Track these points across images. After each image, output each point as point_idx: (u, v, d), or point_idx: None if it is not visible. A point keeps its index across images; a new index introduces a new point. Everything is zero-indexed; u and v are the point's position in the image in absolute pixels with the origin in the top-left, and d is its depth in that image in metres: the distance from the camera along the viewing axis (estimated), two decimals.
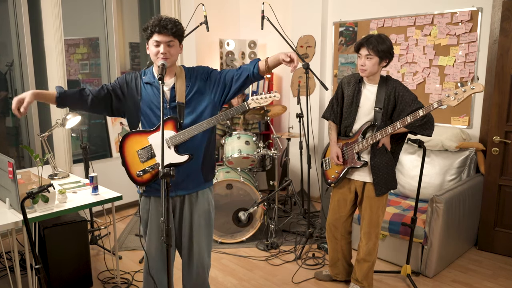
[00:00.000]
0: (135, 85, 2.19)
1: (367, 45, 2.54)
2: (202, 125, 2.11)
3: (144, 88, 2.18)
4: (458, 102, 2.29)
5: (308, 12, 4.73)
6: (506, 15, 3.33)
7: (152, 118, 2.16)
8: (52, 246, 2.87)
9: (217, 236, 3.72)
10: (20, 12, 3.90)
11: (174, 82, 2.16)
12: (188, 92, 2.17)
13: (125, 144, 2.20)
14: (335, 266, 3.03)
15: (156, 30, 2.03)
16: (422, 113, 2.39)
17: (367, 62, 2.56)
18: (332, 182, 2.85)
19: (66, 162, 4.07)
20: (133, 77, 2.22)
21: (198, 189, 2.26)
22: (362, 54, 2.58)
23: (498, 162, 3.47)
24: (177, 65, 2.22)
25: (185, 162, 2.13)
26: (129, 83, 2.20)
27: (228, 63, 5.07)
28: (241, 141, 3.89)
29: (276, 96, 2.13)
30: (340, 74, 4.67)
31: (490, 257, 3.50)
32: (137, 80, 2.20)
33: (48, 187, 2.08)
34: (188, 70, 2.23)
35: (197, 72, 2.23)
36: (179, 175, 2.17)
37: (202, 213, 2.27)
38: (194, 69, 2.25)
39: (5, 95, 4.03)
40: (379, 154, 2.64)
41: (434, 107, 2.34)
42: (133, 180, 2.22)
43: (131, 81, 2.21)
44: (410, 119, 2.42)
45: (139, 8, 4.99)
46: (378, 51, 2.52)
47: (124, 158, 2.21)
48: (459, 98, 2.29)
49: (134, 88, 2.19)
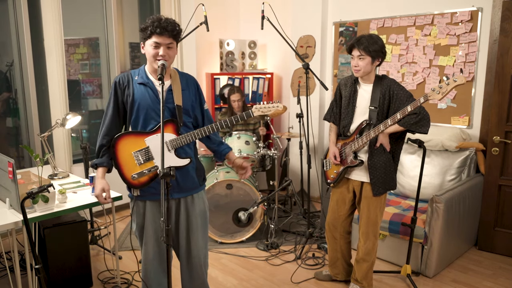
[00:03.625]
0: (128, 86, 2.14)
1: (358, 46, 2.57)
2: (205, 130, 2.11)
3: (136, 88, 2.12)
4: (443, 95, 2.35)
5: (308, 12, 4.73)
6: (506, 15, 3.33)
7: (146, 120, 2.12)
8: (52, 246, 2.87)
9: (217, 236, 3.72)
10: (20, 12, 3.90)
11: (170, 84, 2.14)
12: (185, 96, 2.17)
13: (118, 145, 2.13)
14: (335, 266, 3.04)
15: (157, 32, 1.98)
16: (410, 108, 2.42)
17: (360, 62, 2.58)
18: (331, 182, 2.87)
19: (66, 162, 4.07)
20: (125, 79, 2.15)
21: (193, 192, 2.25)
22: (355, 55, 2.61)
23: (498, 162, 3.47)
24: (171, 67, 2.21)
25: (186, 165, 2.12)
26: (122, 86, 2.14)
27: (228, 63, 5.07)
28: (241, 141, 3.89)
29: (279, 107, 2.15)
30: (340, 74, 4.67)
31: (490, 257, 3.50)
32: (129, 81, 2.14)
33: (48, 187, 2.07)
34: (182, 75, 2.22)
35: (190, 80, 2.24)
36: (176, 179, 2.15)
37: (199, 214, 2.27)
38: (186, 74, 2.26)
39: (8, 96, 4.03)
40: (376, 154, 2.64)
41: (421, 101, 2.39)
42: (126, 183, 2.16)
43: (123, 84, 2.14)
44: (400, 115, 2.46)
45: (139, 8, 4.99)
46: (370, 51, 2.54)
47: (117, 159, 2.14)
48: (443, 91, 2.35)
49: (127, 89, 2.13)
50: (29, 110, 4.08)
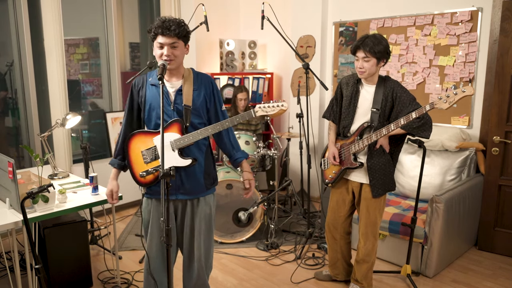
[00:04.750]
0: (142, 87, 2.21)
1: (363, 48, 2.51)
2: (207, 130, 2.11)
3: (149, 89, 2.19)
4: (450, 105, 2.29)
5: (308, 12, 4.73)
6: (506, 15, 3.33)
7: (156, 120, 2.17)
8: (52, 246, 2.87)
9: (217, 236, 3.72)
10: (20, 12, 3.90)
11: (181, 84, 2.15)
12: (195, 96, 2.16)
13: (131, 143, 2.22)
14: (335, 266, 3.03)
15: (160, 32, 2.02)
16: (415, 115, 2.37)
17: (365, 64, 2.54)
18: (329, 182, 2.86)
19: (66, 162, 4.07)
20: (140, 81, 2.23)
21: (200, 196, 2.25)
22: (359, 56, 2.55)
23: (498, 162, 3.47)
24: (185, 67, 2.21)
25: (189, 166, 2.13)
26: (137, 88, 2.23)
27: (228, 63, 5.07)
28: (241, 141, 3.89)
29: (284, 106, 2.13)
30: (340, 74, 4.67)
31: (490, 257, 3.50)
32: (143, 82, 2.22)
33: (48, 187, 2.08)
34: (196, 74, 2.23)
35: (205, 80, 2.23)
36: (180, 179, 2.17)
37: (203, 218, 2.26)
38: (202, 74, 2.25)
39: (5, 94, 4.03)
40: (376, 155, 2.63)
41: (427, 109, 2.34)
42: (135, 180, 2.23)
43: (138, 86, 2.23)
44: (403, 121, 2.41)
45: (139, 8, 4.99)
46: (375, 52, 2.49)
47: (129, 156, 2.23)
48: (451, 101, 2.29)
49: (141, 90, 2.21)
50: (29, 110, 4.08)
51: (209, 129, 2.10)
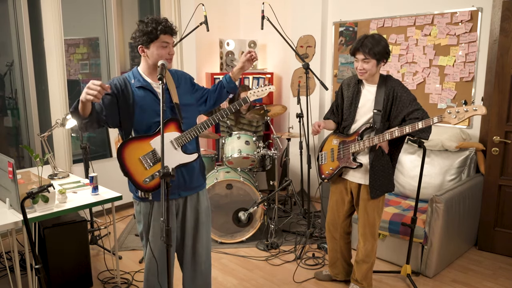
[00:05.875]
0: (127, 91, 2.10)
1: (362, 49, 2.50)
2: (207, 123, 2.14)
3: (135, 92, 2.10)
4: (458, 121, 2.26)
5: (308, 12, 4.73)
6: (506, 15, 3.33)
7: (149, 123, 2.11)
8: (52, 246, 2.87)
9: (217, 236, 3.72)
10: (20, 12, 3.90)
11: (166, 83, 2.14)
12: (180, 92, 2.20)
13: (124, 153, 2.08)
14: (335, 266, 3.03)
15: (167, 31, 2.04)
16: (422, 125, 2.35)
17: (365, 65, 2.53)
18: (325, 178, 2.84)
19: (66, 162, 4.07)
20: (122, 83, 2.11)
21: (199, 190, 2.30)
22: (359, 58, 2.54)
23: (498, 162, 3.47)
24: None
25: (195, 160, 2.16)
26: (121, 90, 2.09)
27: (228, 63, 5.06)
28: (241, 141, 3.88)
29: (272, 88, 2.29)
30: (340, 74, 4.67)
31: (490, 257, 3.50)
32: (126, 85, 2.11)
33: (48, 187, 2.07)
34: (172, 72, 2.25)
35: (181, 75, 2.28)
36: (183, 177, 2.18)
37: (204, 210, 2.32)
38: (177, 71, 2.30)
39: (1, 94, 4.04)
40: (376, 157, 2.62)
41: (434, 121, 2.31)
42: (140, 188, 2.12)
43: (121, 87, 2.10)
44: (408, 129, 2.40)
45: (139, 8, 4.99)
46: (375, 53, 2.48)
47: (125, 167, 2.09)
48: (460, 117, 2.25)
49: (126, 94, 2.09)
50: (29, 110, 4.08)
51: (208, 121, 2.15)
